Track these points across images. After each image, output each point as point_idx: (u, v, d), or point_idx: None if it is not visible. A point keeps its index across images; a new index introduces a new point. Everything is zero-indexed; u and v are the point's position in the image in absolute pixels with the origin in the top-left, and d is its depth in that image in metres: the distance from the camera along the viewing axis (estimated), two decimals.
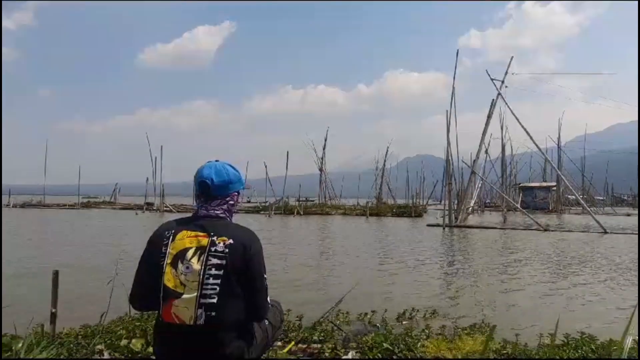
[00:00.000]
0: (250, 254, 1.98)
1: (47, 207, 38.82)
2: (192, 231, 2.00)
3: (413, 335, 3.68)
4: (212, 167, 2.10)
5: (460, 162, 27.43)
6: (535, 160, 52.02)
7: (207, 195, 2.09)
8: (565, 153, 47.95)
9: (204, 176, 2.08)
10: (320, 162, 45.60)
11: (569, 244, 15.13)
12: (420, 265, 9.97)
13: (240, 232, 2.04)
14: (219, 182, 2.08)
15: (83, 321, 3.95)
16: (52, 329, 3.43)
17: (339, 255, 11.75)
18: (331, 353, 3.41)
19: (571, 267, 10.05)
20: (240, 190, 2.20)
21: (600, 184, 60.04)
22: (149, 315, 3.84)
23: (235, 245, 1.96)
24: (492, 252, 12.72)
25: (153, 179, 37.91)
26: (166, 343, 2.02)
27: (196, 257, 1.93)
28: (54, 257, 10.47)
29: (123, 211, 35.84)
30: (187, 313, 1.91)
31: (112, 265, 5.12)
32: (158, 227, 2.10)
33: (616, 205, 55.47)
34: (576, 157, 50.71)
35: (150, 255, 2.03)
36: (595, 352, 3.30)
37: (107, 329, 3.67)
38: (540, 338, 3.80)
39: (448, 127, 24.20)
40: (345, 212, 34.65)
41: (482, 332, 3.99)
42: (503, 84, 24.83)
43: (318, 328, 3.94)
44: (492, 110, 25.57)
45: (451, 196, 24.68)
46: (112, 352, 3.30)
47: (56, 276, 3.51)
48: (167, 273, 1.94)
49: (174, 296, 1.92)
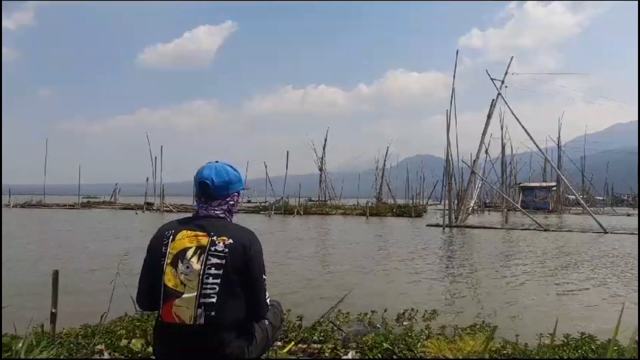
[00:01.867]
0: (250, 254, 1.99)
1: (47, 207, 38.82)
2: (192, 231, 2.01)
3: (413, 335, 3.68)
4: (212, 168, 2.12)
5: (460, 162, 27.45)
6: (535, 160, 52.06)
7: (207, 196, 2.10)
8: (565, 153, 48.01)
9: (204, 176, 2.09)
10: (320, 162, 45.65)
11: (569, 244, 15.13)
12: (420, 266, 9.97)
13: (240, 232, 2.05)
14: (219, 182, 2.09)
15: (83, 321, 3.95)
16: (52, 329, 3.43)
17: (339, 255, 11.74)
18: (331, 353, 3.41)
19: (571, 267, 10.05)
20: (240, 191, 2.21)
21: (600, 184, 60.11)
22: (149, 315, 3.84)
23: (235, 245, 1.97)
24: (492, 252, 12.72)
25: (153, 179, 37.95)
26: (166, 343, 2.03)
27: (196, 256, 1.94)
28: (54, 257, 10.46)
29: (123, 211, 35.83)
30: (187, 312, 1.92)
31: (112, 266, 5.13)
32: (159, 228, 2.11)
33: (616, 205, 55.52)
34: (576, 157, 50.76)
35: (151, 255, 2.05)
36: (595, 352, 3.30)
37: (107, 329, 3.67)
38: (540, 338, 3.79)
39: (448, 127, 24.21)
40: (345, 212, 34.65)
41: (483, 332, 3.99)
42: (503, 83, 24.84)
43: (318, 328, 3.94)
44: (492, 110, 25.58)
45: (451, 196, 24.68)
46: (112, 352, 3.30)
47: (56, 276, 3.51)
48: (167, 273, 1.96)
49: (174, 296, 1.93)
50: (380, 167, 49.04)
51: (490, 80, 24.90)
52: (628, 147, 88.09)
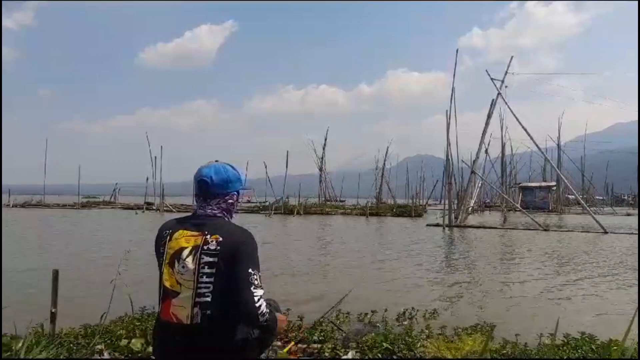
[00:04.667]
0: (241, 252, 1.98)
1: (47, 206, 38.83)
2: (188, 230, 2.02)
3: (413, 335, 3.68)
4: (212, 167, 2.13)
5: (460, 162, 27.43)
6: (535, 160, 52.06)
7: (206, 194, 2.11)
8: (565, 153, 48.02)
9: (203, 175, 2.10)
10: (320, 162, 45.69)
11: (568, 244, 15.12)
12: (420, 265, 9.97)
13: (233, 230, 2.05)
14: (218, 180, 2.10)
15: (83, 321, 3.95)
16: (52, 329, 3.43)
17: (339, 255, 11.74)
18: (331, 353, 3.41)
19: (571, 266, 10.05)
20: (240, 191, 2.20)
21: (600, 184, 60.10)
22: (149, 315, 3.85)
23: (226, 243, 1.97)
24: (492, 252, 12.72)
25: (153, 178, 37.90)
26: (165, 342, 2.04)
27: (191, 256, 1.96)
28: (54, 257, 10.46)
29: (123, 211, 35.84)
30: (184, 312, 1.94)
31: (112, 266, 5.12)
32: (159, 228, 2.12)
33: (616, 205, 55.48)
34: (576, 157, 50.77)
35: (156, 255, 2.08)
36: (595, 352, 3.30)
37: (107, 328, 3.67)
38: (540, 338, 3.79)
39: (448, 127, 24.21)
40: (345, 212, 34.64)
41: (482, 332, 3.99)
42: (503, 83, 24.82)
43: (318, 328, 3.94)
44: (492, 110, 25.58)
45: (451, 196, 24.68)
46: (112, 352, 3.30)
47: (56, 276, 3.51)
48: (165, 273, 1.98)
49: (172, 295, 1.95)
50: (380, 167, 49.08)
51: (490, 80, 24.93)
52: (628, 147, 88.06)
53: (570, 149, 53.05)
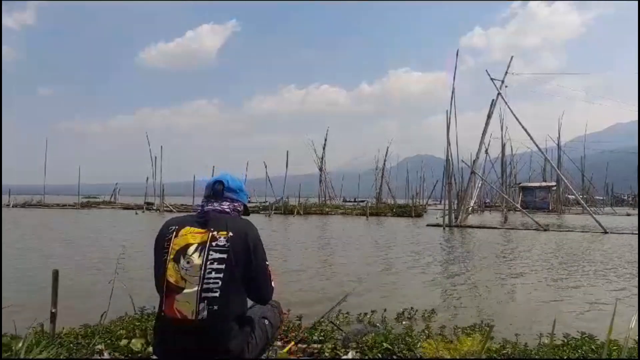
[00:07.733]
0: (249, 241, 2.06)
1: (47, 207, 38.82)
2: (195, 227, 2.07)
3: (413, 335, 3.68)
4: (227, 174, 2.32)
5: (460, 162, 27.42)
6: (535, 160, 52.02)
7: (218, 195, 2.20)
8: (565, 153, 47.97)
9: (220, 177, 2.25)
10: (320, 162, 45.66)
11: (569, 244, 15.12)
12: (419, 265, 9.97)
13: (239, 223, 2.13)
14: (234, 185, 2.25)
15: (83, 321, 3.95)
16: (52, 329, 3.44)
17: (338, 255, 11.75)
18: (331, 353, 3.41)
19: (571, 267, 10.04)
20: (244, 203, 2.34)
21: (600, 184, 60.05)
22: (149, 315, 3.85)
23: (235, 237, 2.03)
24: (492, 252, 12.72)
25: (153, 178, 37.93)
26: (165, 341, 2.04)
27: (197, 252, 2.00)
28: (54, 257, 10.46)
29: (123, 211, 35.83)
30: (188, 307, 1.96)
31: (112, 266, 5.13)
32: (164, 223, 2.17)
33: (616, 205, 55.45)
34: (576, 157, 50.75)
35: (156, 252, 2.09)
36: (595, 352, 3.30)
37: (107, 328, 3.67)
38: (540, 338, 3.80)
39: (448, 127, 24.21)
40: (345, 212, 34.63)
41: (482, 332, 4.00)
42: (503, 83, 24.81)
43: (318, 328, 3.94)
44: (492, 110, 25.55)
45: (451, 196, 24.67)
46: (112, 351, 3.30)
47: (56, 276, 3.51)
48: (170, 268, 2.00)
49: (176, 291, 1.97)
50: (380, 167, 49.06)
51: (490, 80, 24.91)
52: (628, 147, 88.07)
53: (570, 149, 53.04)
